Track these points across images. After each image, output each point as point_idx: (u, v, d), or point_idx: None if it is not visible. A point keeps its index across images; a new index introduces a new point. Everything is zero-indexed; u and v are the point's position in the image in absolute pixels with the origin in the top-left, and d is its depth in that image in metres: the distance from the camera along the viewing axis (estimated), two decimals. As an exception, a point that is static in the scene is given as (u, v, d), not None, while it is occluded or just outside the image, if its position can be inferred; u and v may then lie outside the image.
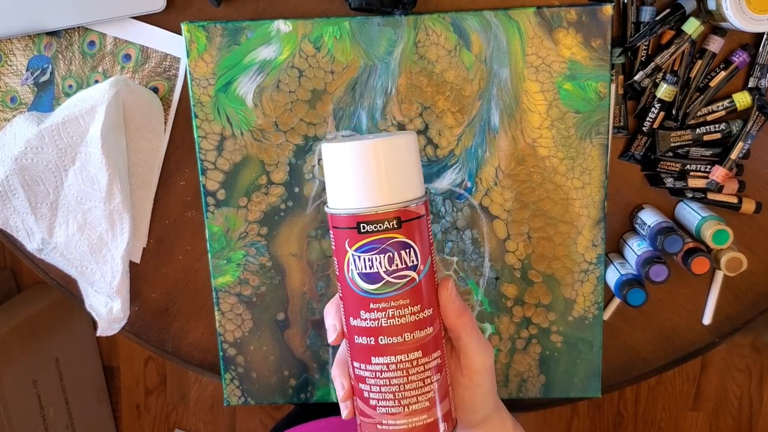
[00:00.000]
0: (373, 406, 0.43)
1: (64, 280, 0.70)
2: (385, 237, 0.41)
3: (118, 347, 1.54)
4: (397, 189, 0.41)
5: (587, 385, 0.66)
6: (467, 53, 0.60)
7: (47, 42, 0.64)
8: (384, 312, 0.42)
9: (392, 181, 0.41)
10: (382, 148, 0.41)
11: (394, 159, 0.41)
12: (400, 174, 0.42)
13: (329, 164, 0.43)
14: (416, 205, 0.42)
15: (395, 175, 0.41)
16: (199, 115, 0.62)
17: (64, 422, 1.40)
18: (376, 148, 0.41)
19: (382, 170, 0.41)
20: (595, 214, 0.62)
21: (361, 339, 0.43)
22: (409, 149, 0.42)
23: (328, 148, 0.42)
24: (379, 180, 0.41)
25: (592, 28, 0.59)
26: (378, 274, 0.41)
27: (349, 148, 0.41)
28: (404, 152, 0.42)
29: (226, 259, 0.65)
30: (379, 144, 0.41)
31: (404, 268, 0.42)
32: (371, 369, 0.43)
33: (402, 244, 0.41)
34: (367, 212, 0.41)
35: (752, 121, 0.61)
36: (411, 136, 0.43)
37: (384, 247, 0.41)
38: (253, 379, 0.67)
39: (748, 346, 1.44)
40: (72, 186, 0.62)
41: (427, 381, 0.43)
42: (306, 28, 0.60)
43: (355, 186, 0.41)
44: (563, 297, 0.64)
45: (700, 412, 1.47)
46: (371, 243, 0.41)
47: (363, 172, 0.41)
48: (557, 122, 0.61)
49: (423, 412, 0.42)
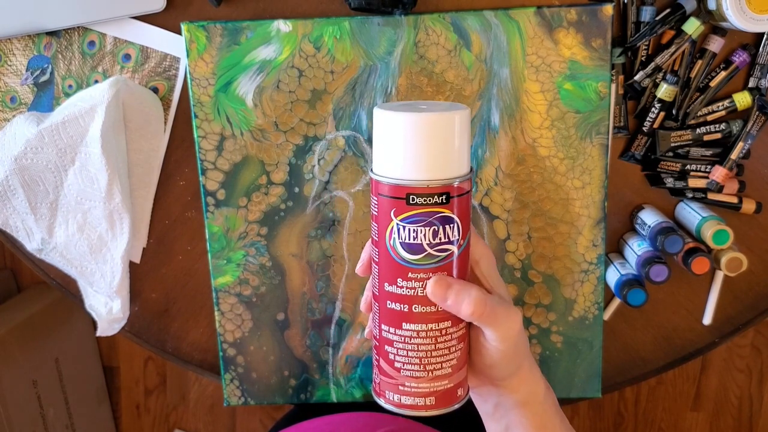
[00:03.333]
0: (398, 368, 0.44)
1: (64, 280, 0.70)
2: (433, 211, 0.41)
3: (118, 347, 1.54)
4: (448, 164, 0.41)
5: (587, 385, 0.66)
6: (467, 53, 0.60)
7: (47, 42, 0.64)
8: (421, 282, 0.43)
9: (445, 156, 0.41)
10: (438, 122, 0.41)
11: (448, 134, 0.41)
12: (452, 149, 0.41)
13: (383, 131, 0.42)
14: (464, 181, 0.42)
15: (448, 151, 0.41)
16: (198, 115, 0.62)
17: (63, 422, 1.40)
18: (433, 122, 0.41)
19: (437, 145, 0.41)
20: (595, 214, 0.62)
21: (394, 305, 0.44)
22: (462, 125, 0.42)
23: (385, 115, 0.42)
24: (433, 154, 0.41)
25: (593, 28, 0.59)
26: (421, 246, 0.42)
27: (406, 119, 0.41)
28: (458, 128, 0.41)
29: (226, 259, 0.65)
30: (436, 119, 0.41)
31: (446, 242, 0.42)
32: (401, 334, 0.44)
33: (447, 219, 0.42)
34: (418, 185, 0.41)
35: (752, 121, 0.61)
36: (465, 113, 0.42)
37: (430, 221, 0.42)
38: (252, 379, 0.67)
39: (748, 347, 1.44)
40: (72, 186, 0.62)
41: (453, 349, 0.44)
42: (306, 28, 0.60)
43: (406, 157, 0.41)
44: (563, 297, 0.64)
45: (701, 413, 1.47)
46: (418, 215, 0.42)
47: (417, 144, 0.41)
48: (557, 122, 0.61)
49: (445, 378, 0.44)
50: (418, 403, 0.44)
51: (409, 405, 0.44)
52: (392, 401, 0.45)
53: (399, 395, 0.45)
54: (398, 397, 0.45)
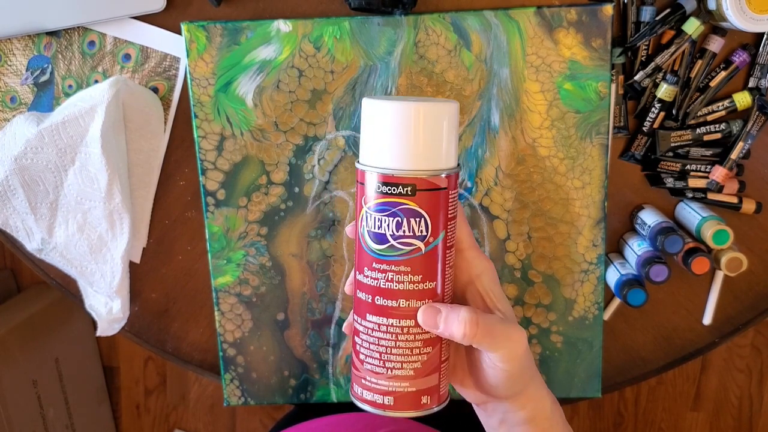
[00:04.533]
0: (362, 360, 0.44)
1: (64, 280, 0.70)
2: (397, 201, 0.41)
3: (117, 347, 1.54)
4: (419, 156, 0.40)
5: (587, 385, 0.66)
6: (467, 53, 0.60)
7: (47, 42, 0.64)
8: (384, 274, 0.42)
9: (416, 147, 0.40)
10: (414, 111, 0.40)
11: (423, 126, 0.40)
12: (425, 141, 0.40)
13: (364, 118, 0.42)
14: (436, 176, 0.41)
15: (420, 142, 0.40)
16: (198, 115, 0.62)
17: (63, 422, 1.40)
18: (408, 110, 0.40)
19: (409, 134, 0.40)
20: (595, 214, 0.62)
21: (362, 294, 0.44)
22: (441, 118, 0.41)
23: (367, 102, 0.42)
24: (403, 144, 0.40)
25: (593, 27, 0.59)
26: (384, 236, 0.42)
27: (382, 105, 0.41)
28: (435, 120, 0.40)
29: (226, 259, 0.65)
30: (412, 107, 0.40)
31: (411, 236, 0.41)
32: (365, 325, 0.43)
33: (413, 212, 0.41)
34: (385, 173, 0.41)
35: (752, 121, 0.61)
36: (448, 106, 0.41)
37: (394, 211, 0.41)
38: (252, 379, 0.67)
39: (748, 346, 1.44)
40: (72, 186, 0.62)
41: (416, 351, 0.43)
42: (306, 27, 0.60)
43: (380, 144, 0.41)
44: (563, 297, 0.64)
45: (701, 413, 1.47)
46: (383, 204, 0.41)
47: (390, 132, 0.41)
48: (557, 122, 0.61)
49: (405, 379, 0.43)
50: (377, 400, 0.43)
51: (369, 401, 0.44)
52: (357, 394, 0.45)
53: (361, 389, 0.44)
54: (361, 390, 0.44)
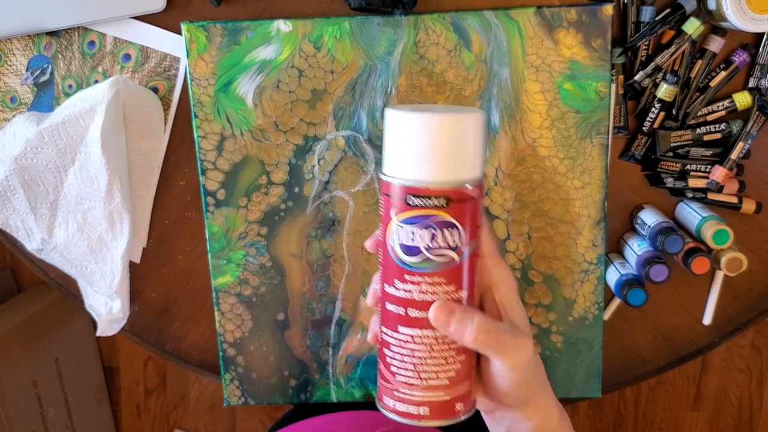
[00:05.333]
0: (394, 372, 0.43)
1: (64, 280, 0.70)
2: (432, 214, 0.40)
3: (117, 347, 1.54)
4: (451, 167, 0.40)
5: (587, 385, 0.66)
6: (467, 53, 0.60)
7: (47, 42, 0.64)
8: (417, 286, 0.42)
9: (448, 158, 0.40)
10: (442, 123, 0.39)
11: (452, 136, 0.40)
12: (456, 152, 0.40)
13: (389, 129, 0.41)
14: (469, 186, 0.41)
15: (451, 153, 0.40)
16: (198, 115, 0.62)
17: (63, 422, 1.40)
18: (436, 122, 0.39)
19: (439, 146, 0.40)
20: (595, 214, 0.62)
21: (392, 307, 0.43)
22: (469, 128, 0.40)
23: (391, 113, 0.41)
24: (434, 156, 0.40)
25: (593, 28, 0.59)
26: (418, 249, 0.41)
27: (409, 117, 0.40)
28: (465, 131, 0.40)
29: (225, 259, 0.65)
30: (439, 120, 0.40)
31: (446, 248, 0.41)
32: (397, 338, 0.43)
33: (447, 224, 0.40)
34: (418, 185, 0.40)
35: (752, 121, 0.61)
36: (476, 116, 0.41)
37: (428, 224, 0.41)
38: (252, 379, 0.67)
39: (748, 347, 1.44)
40: (72, 186, 0.62)
41: (450, 360, 0.43)
42: (306, 27, 0.60)
43: (409, 156, 0.41)
44: (563, 297, 0.64)
45: (701, 413, 1.47)
46: (416, 217, 0.41)
47: (419, 144, 0.40)
48: (557, 122, 0.61)
49: (441, 389, 0.43)
50: (411, 411, 0.43)
51: (403, 412, 0.43)
52: (388, 406, 0.44)
53: (394, 401, 0.44)
54: (393, 402, 0.44)
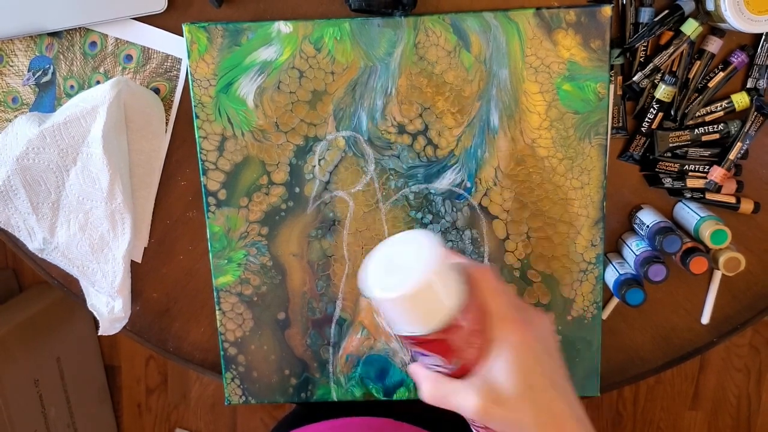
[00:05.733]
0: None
1: (66, 280, 0.70)
2: (427, 345, 0.43)
3: (119, 346, 1.54)
4: (434, 319, 0.42)
5: (586, 384, 0.66)
6: (467, 54, 0.60)
7: (49, 43, 0.65)
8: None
9: (428, 315, 0.42)
10: (415, 293, 0.41)
11: (427, 298, 0.42)
12: (434, 306, 0.42)
13: (367, 295, 0.44)
14: (453, 319, 0.42)
15: (430, 309, 0.42)
16: (200, 116, 0.62)
17: (65, 421, 1.41)
18: (411, 294, 0.41)
19: (417, 308, 0.42)
20: (594, 214, 0.63)
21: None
22: (437, 284, 0.42)
23: (368, 289, 0.43)
24: (415, 316, 0.42)
25: (591, 29, 0.59)
26: (428, 357, 0.45)
27: (387, 295, 0.41)
28: (435, 287, 0.42)
29: (227, 259, 0.65)
30: (412, 292, 0.41)
31: (434, 365, 0.44)
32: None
33: (425, 354, 0.44)
34: (408, 335, 0.43)
35: (750, 122, 0.61)
36: (435, 271, 0.42)
37: (414, 351, 0.45)
38: (253, 378, 0.68)
39: (746, 346, 1.44)
40: (73, 186, 0.63)
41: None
42: (306, 29, 0.60)
43: (392, 317, 0.43)
44: (562, 296, 0.65)
45: (699, 412, 1.47)
46: (416, 351, 0.45)
47: (400, 311, 0.42)
48: (556, 123, 0.61)
49: None
50: None
51: None
52: None
53: None
54: None
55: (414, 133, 0.62)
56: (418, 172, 0.63)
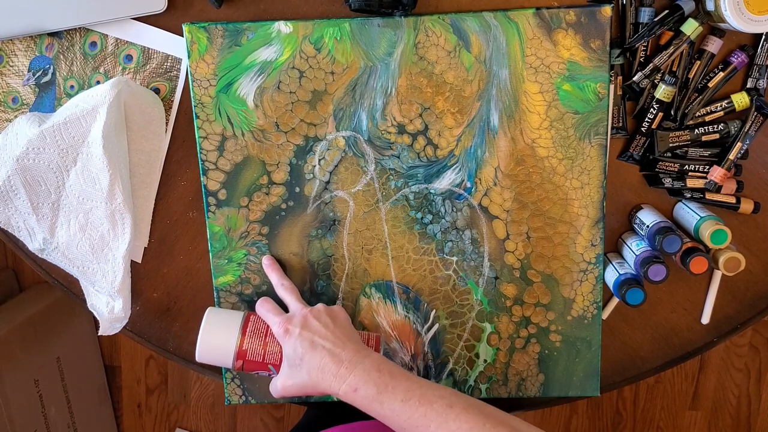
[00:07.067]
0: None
1: (66, 280, 0.70)
2: (251, 373, 0.62)
3: (119, 346, 1.54)
4: (225, 362, 0.61)
5: (586, 384, 0.66)
6: (467, 54, 0.60)
7: (49, 43, 0.65)
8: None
9: (219, 359, 0.61)
10: (204, 355, 0.60)
11: (211, 349, 0.61)
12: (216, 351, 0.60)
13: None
14: (237, 361, 0.60)
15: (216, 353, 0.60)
16: (200, 116, 0.62)
17: (65, 421, 1.41)
18: (203, 356, 0.61)
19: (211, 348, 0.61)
20: (593, 214, 0.63)
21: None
22: (211, 347, 0.60)
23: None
24: (220, 362, 0.61)
25: (591, 29, 0.59)
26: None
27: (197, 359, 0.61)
28: (213, 348, 0.60)
29: (227, 259, 0.65)
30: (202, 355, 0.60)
31: (272, 375, 0.61)
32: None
33: (260, 373, 0.61)
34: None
35: (750, 122, 0.61)
36: (205, 340, 0.60)
37: (258, 374, 0.64)
38: (253, 378, 0.68)
39: (746, 346, 1.44)
40: (73, 186, 0.63)
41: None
42: (306, 29, 0.60)
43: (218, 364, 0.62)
44: (562, 296, 0.65)
45: (699, 411, 1.47)
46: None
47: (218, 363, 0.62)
48: (556, 123, 0.61)
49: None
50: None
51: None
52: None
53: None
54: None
55: (414, 133, 0.62)
56: (418, 172, 0.63)
